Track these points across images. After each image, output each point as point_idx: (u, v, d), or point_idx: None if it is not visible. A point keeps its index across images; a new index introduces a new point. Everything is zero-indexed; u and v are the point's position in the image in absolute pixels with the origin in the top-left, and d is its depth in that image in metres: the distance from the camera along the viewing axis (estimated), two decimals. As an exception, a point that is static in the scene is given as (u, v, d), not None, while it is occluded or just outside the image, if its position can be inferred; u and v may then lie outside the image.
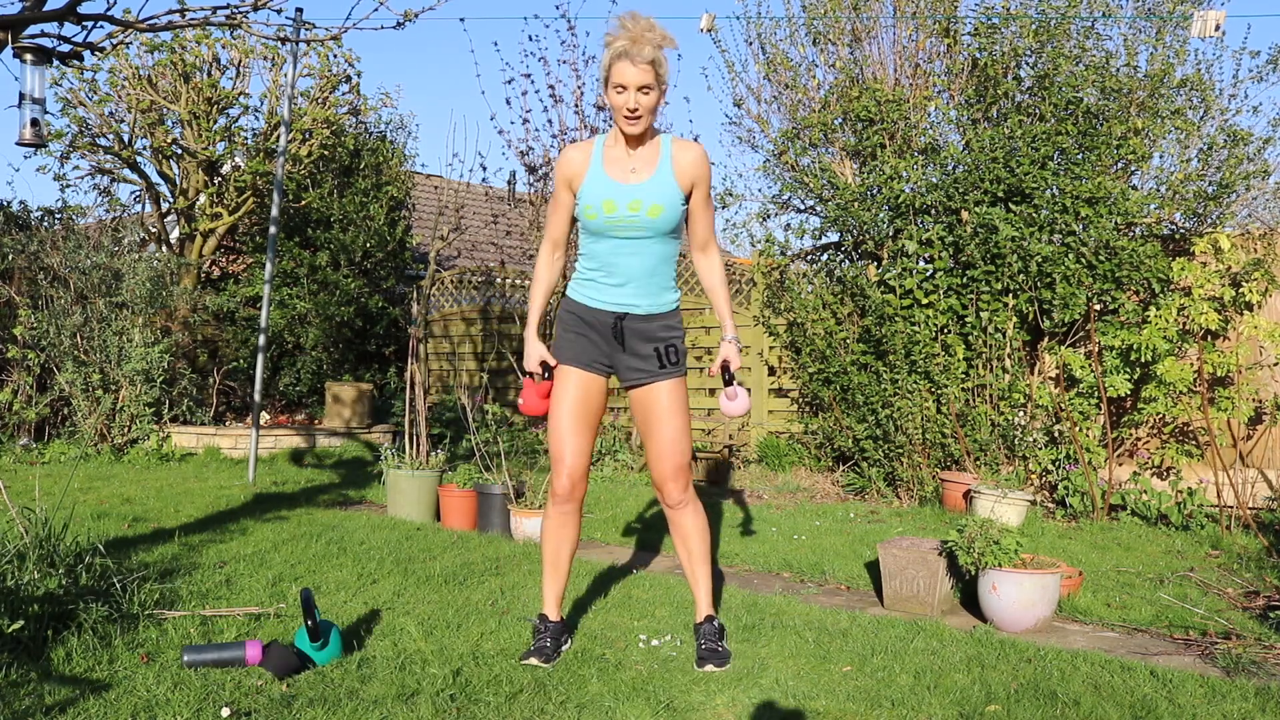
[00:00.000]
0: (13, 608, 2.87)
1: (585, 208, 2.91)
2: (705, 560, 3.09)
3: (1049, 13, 6.21)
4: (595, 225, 2.91)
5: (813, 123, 6.91)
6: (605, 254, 2.94)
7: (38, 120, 4.96)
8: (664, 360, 2.97)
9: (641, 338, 2.97)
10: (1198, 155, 6.00)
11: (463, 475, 5.36)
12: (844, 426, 6.71)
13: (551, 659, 2.94)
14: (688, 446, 3.01)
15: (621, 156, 2.92)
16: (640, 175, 2.89)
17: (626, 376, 3.01)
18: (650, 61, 2.77)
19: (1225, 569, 4.37)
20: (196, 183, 10.24)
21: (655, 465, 3.01)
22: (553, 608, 3.11)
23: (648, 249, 2.92)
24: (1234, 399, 5.59)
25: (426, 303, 10.20)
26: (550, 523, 3.09)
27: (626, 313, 2.96)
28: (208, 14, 4.19)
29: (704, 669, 2.88)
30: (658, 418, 2.98)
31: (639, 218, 2.87)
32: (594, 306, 2.99)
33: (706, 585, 3.09)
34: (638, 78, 2.78)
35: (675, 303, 3.03)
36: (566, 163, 2.96)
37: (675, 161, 2.90)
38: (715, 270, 3.06)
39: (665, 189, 2.88)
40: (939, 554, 3.71)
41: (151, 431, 8.31)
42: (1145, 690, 2.77)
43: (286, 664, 2.77)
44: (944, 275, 6.18)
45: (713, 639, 3.00)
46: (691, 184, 2.92)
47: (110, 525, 4.84)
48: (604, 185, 2.90)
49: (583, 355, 2.99)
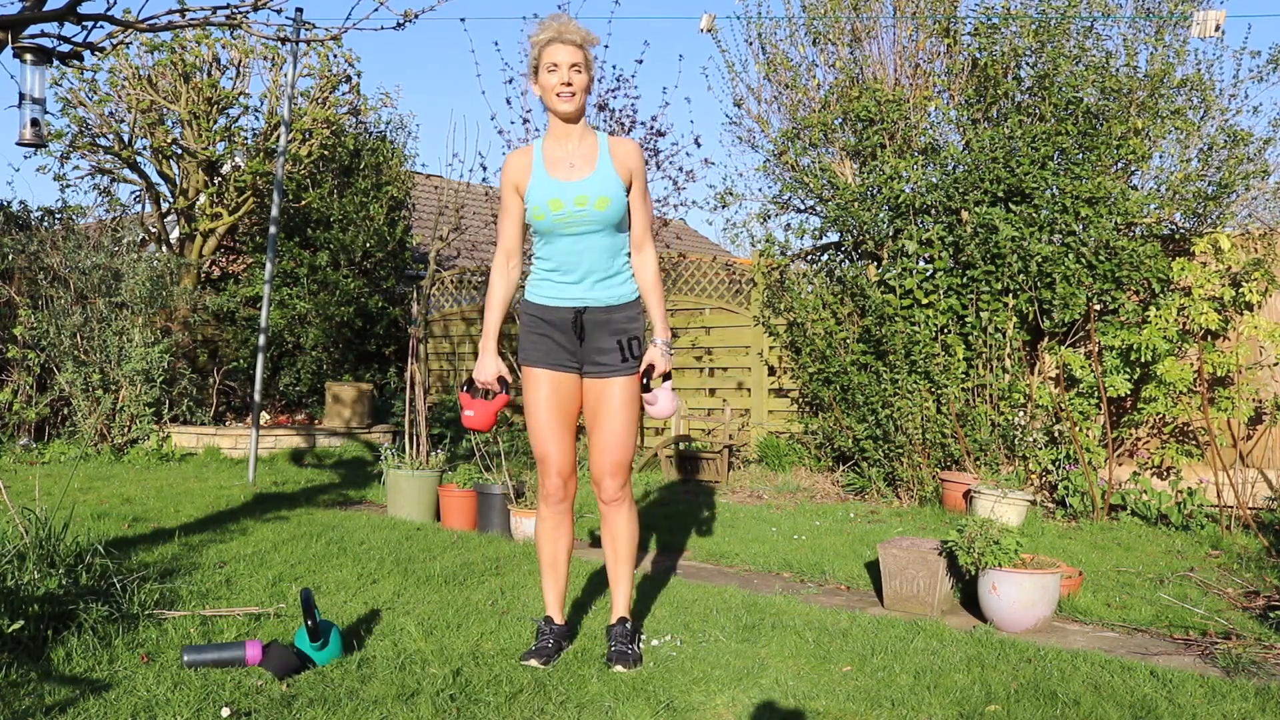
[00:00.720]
0: (13, 608, 2.87)
1: (533, 209, 2.94)
2: (630, 561, 3.12)
3: (1049, 13, 6.20)
4: (544, 225, 2.94)
5: (813, 123, 6.91)
6: (558, 253, 2.97)
7: (38, 120, 4.96)
8: (626, 353, 3.00)
9: (603, 330, 2.99)
10: (1198, 155, 6.00)
11: (463, 475, 5.36)
12: (844, 426, 6.71)
13: (551, 660, 2.95)
14: (631, 444, 3.04)
15: (561, 155, 2.96)
16: (581, 171, 2.93)
17: (589, 370, 3.03)
18: (579, 44, 2.88)
19: (1225, 569, 4.37)
20: (196, 183, 10.24)
21: (596, 459, 3.02)
22: (556, 610, 3.12)
23: (599, 243, 2.95)
24: (1234, 399, 5.59)
25: (426, 303, 10.20)
26: (545, 525, 3.10)
27: (586, 306, 2.99)
28: (208, 14, 4.19)
29: (613, 669, 2.89)
30: (608, 411, 3.00)
31: (586, 212, 2.91)
32: (553, 305, 3.01)
33: (627, 587, 3.12)
34: (569, 56, 2.87)
35: (635, 293, 3.04)
36: (511, 168, 3.00)
37: (614, 155, 2.95)
38: (649, 267, 3.05)
39: (608, 181, 2.92)
40: (939, 554, 3.71)
41: (151, 431, 8.31)
42: (1145, 690, 2.77)
43: (286, 664, 2.77)
44: (944, 275, 6.18)
45: (624, 640, 3.00)
46: (630, 175, 2.96)
47: (110, 525, 4.84)
48: (548, 185, 2.93)
49: (549, 356, 3.02)
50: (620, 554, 3.10)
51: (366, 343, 11.35)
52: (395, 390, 10.79)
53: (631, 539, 3.11)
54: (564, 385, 3.03)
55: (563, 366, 3.03)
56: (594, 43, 2.93)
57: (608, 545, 3.12)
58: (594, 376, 3.02)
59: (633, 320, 3.03)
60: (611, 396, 3.00)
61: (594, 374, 3.02)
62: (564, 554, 3.12)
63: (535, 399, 3.03)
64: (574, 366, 3.03)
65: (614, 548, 3.10)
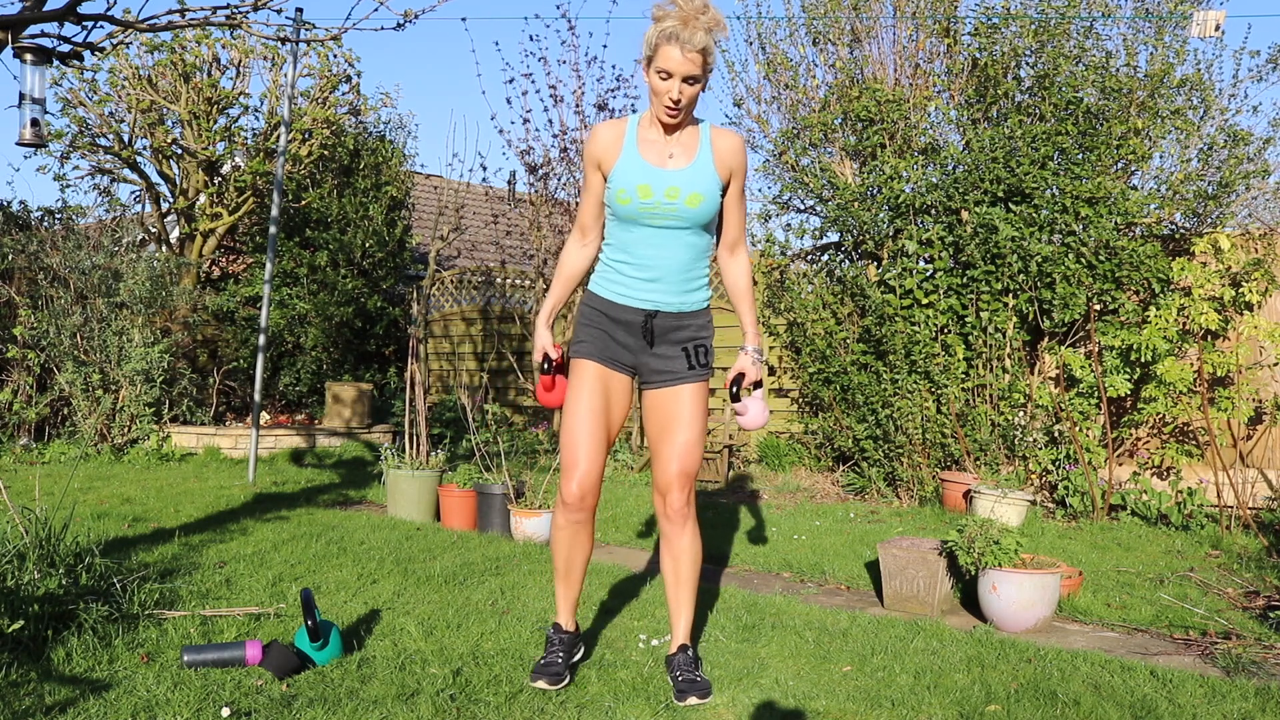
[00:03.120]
0: (13, 608, 2.87)
1: (618, 191, 2.66)
2: (693, 584, 2.83)
3: (1049, 13, 6.21)
4: (627, 211, 2.67)
5: (813, 123, 6.91)
6: (636, 244, 2.70)
7: (38, 120, 4.96)
8: (693, 361, 2.75)
9: (672, 337, 2.74)
10: (1198, 155, 6.00)
11: (463, 475, 5.36)
12: (844, 426, 6.71)
13: (561, 680, 2.72)
14: (700, 453, 2.79)
15: (658, 140, 2.67)
16: (678, 161, 2.66)
17: (649, 377, 2.78)
18: (701, 50, 2.51)
19: (1225, 569, 4.37)
20: (196, 183, 10.24)
21: (663, 469, 2.76)
22: (567, 616, 2.89)
23: (682, 241, 2.69)
24: (1234, 399, 5.59)
25: (426, 302, 10.20)
26: (562, 533, 2.81)
27: (657, 311, 2.72)
28: (208, 14, 4.19)
29: (685, 702, 2.61)
30: (678, 421, 2.75)
31: (676, 206, 2.64)
32: (621, 303, 2.74)
33: (689, 612, 2.83)
34: (684, 67, 2.52)
35: (706, 301, 2.80)
36: (596, 141, 2.70)
37: (715, 149, 2.67)
38: (743, 273, 2.83)
39: (705, 177, 2.65)
40: (939, 554, 3.71)
41: (151, 431, 8.31)
42: (1145, 690, 2.76)
43: (286, 664, 2.77)
44: (944, 275, 6.18)
45: (689, 669, 2.73)
46: (730, 174, 2.70)
47: (110, 525, 4.84)
48: (639, 168, 2.65)
49: (605, 350, 2.75)
50: (683, 576, 2.80)
51: (366, 343, 11.35)
52: (395, 390, 10.79)
53: (696, 560, 2.82)
54: (614, 386, 2.77)
55: (617, 364, 2.76)
56: (722, 35, 2.56)
57: (668, 566, 2.82)
58: (658, 385, 2.77)
59: (703, 329, 2.78)
60: (682, 405, 2.75)
61: (658, 383, 2.76)
62: (580, 562, 2.85)
63: (578, 396, 2.74)
64: (629, 369, 2.77)
65: (677, 570, 2.80)
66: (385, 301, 11.19)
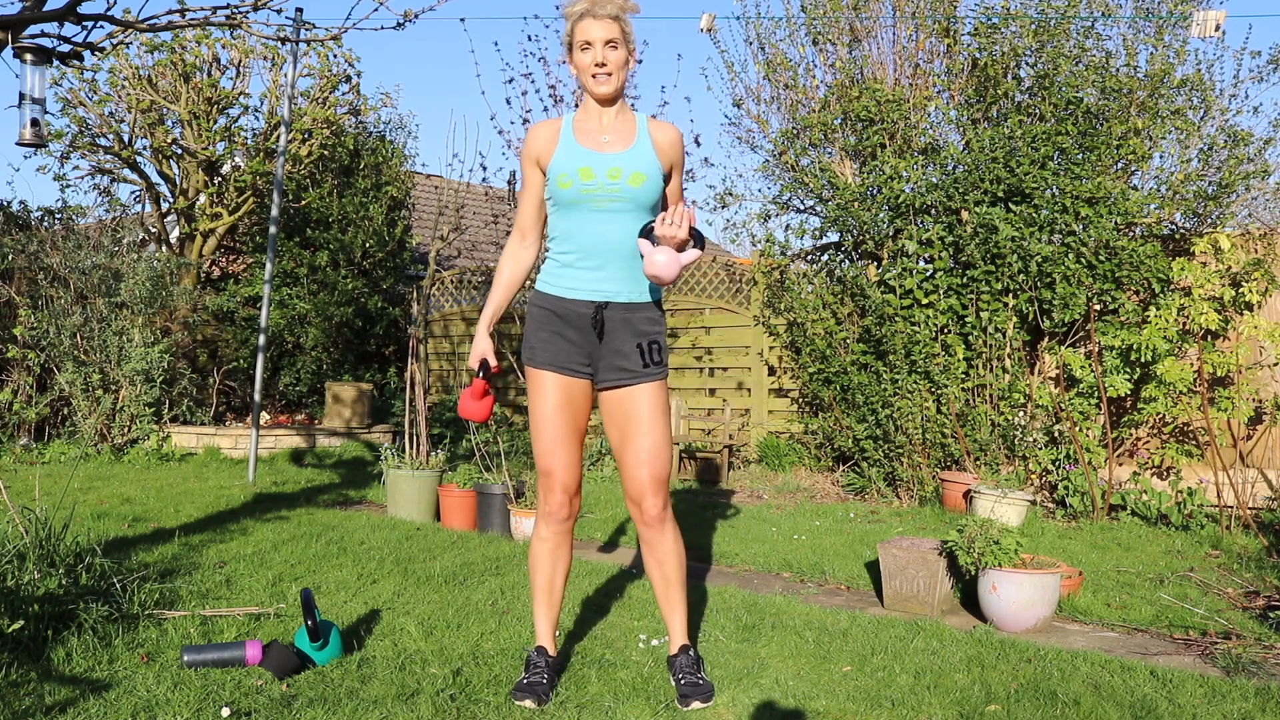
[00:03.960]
0: (13, 608, 2.87)
1: (559, 176, 2.64)
2: (682, 585, 2.80)
3: (1049, 13, 6.20)
4: (569, 196, 2.63)
5: (812, 123, 6.91)
6: (579, 232, 2.66)
7: (38, 120, 4.96)
8: (647, 358, 2.69)
9: (624, 330, 2.68)
10: (1198, 155, 6.00)
11: (463, 475, 5.36)
12: (844, 426, 6.71)
13: (545, 698, 2.63)
14: (669, 456, 2.72)
15: (594, 127, 2.68)
16: (615, 146, 2.66)
17: (605, 376, 2.71)
18: (615, 17, 2.61)
19: (1225, 569, 4.37)
20: (196, 183, 10.24)
21: (632, 476, 2.69)
22: (548, 640, 2.81)
23: (626, 224, 2.64)
24: (1234, 399, 5.59)
25: (426, 303, 10.19)
26: (543, 546, 2.77)
27: (608, 301, 2.67)
28: (208, 14, 4.19)
29: (689, 707, 2.59)
30: (637, 424, 2.68)
31: (619, 186, 2.62)
32: (570, 297, 2.68)
33: (683, 611, 2.81)
34: (603, 31, 2.60)
35: (658, 294, 2.76)
36: (533, 139, 2.70)
37: (655, 140, 2.68)
38: None
39: (646, 160, 2.65)
40: (939, 554, 3.71)
41: (151, 431, 8.31)
42: (1145, 690, 2.77)
43: (286, 664, 2.77)
44: (944, 275, 6.18)
45: (691, 671, 2.70)
46: (670, 166, 2.71)
47: (110, 525, 4.84)
48: (578, 154, 2.64)
49: (560, 356, 2.69)
50: (671, 578, 2.77)
51: (366, 343, 11.35)
52: (395, 390, 10.79)
53: (681, 560, 2.79)
54: (575, 392, 2.71)
55: (574, 371, 2.70)
56: (633, 10, 2.65)
57: (654, 571, 2.79)
58: (614, 386, 2.70)
59: (654, 322, 2.72)
60: (641, 407, 2.68)
61: (613, 382, 2.70)
62: (561, 579, 2.80)
63: (542, 407, 2.70)
64: (587, 371, 2.71)
65: (663, 573, 2.77)
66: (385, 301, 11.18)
